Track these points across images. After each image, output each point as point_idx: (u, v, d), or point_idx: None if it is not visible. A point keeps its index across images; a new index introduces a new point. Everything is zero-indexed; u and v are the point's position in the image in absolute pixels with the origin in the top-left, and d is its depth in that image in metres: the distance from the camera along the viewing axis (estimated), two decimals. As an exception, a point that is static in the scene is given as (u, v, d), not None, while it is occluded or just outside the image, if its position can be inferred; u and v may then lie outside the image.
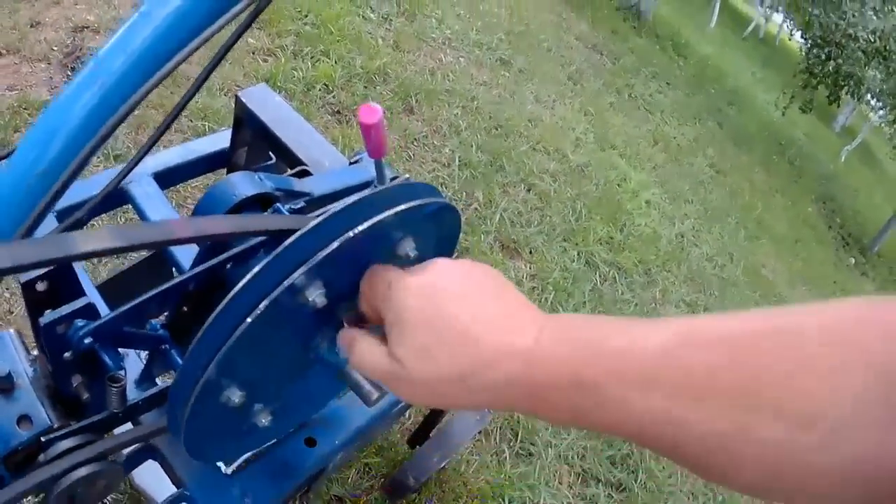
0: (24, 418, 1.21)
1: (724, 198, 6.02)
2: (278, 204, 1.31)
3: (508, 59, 5.73)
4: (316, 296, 0.89)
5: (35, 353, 1.31)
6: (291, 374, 1.14)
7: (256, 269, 0.85)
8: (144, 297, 1.12)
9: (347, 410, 1.65)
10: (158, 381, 1.41)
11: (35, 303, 1.15)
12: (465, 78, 5.33)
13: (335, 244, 0.88)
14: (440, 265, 0.87)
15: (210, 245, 1.15)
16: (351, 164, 1.79)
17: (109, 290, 1.65)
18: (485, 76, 5.46)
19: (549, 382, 0.71)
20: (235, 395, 0.96)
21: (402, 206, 0.94)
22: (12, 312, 2.86)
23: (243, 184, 1.29)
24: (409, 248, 0.96)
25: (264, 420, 1.10)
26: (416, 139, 4.55)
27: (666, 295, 4.33)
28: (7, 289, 2.90)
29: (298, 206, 1.34)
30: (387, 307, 0.86)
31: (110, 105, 1.02)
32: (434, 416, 2.56)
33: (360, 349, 0.88)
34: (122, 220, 3.28)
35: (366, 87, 4.71)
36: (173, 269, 2.06)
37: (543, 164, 4.80)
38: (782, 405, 0.56)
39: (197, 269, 1.12)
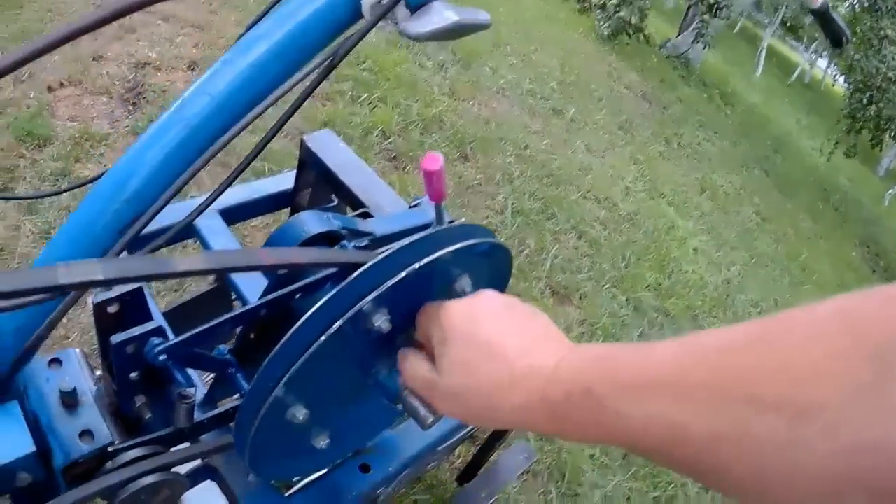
0: (86, 433, 1.25)
1: (770, 244, 5.99)
2: (345, 241, 1.38)
3: (560, 108, 5.75)
4: (381, 321, 0.96)
5: (99, 373, 1.36)
6: (351, 398, 1.20)
7: (331, 293, 0.93)
8: (219, 319, 1.18)
9: (401, 440, 1.69)
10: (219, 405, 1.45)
11: (105, 324, 1.21)
12: (519, 126, 5.37)
13: (402, 273, 0.95)
14: (487, 293, 0.97)
15: (279, 277, 1.21)
16: (410, 207, 1.84)
17: (173, 318, 1.70)
18: (538, 125, 5.51)
19: (564, 399, 0.76)
20: (300, 413, 1.02)
21: (460, 244, 1.02)
22: (68, 338, 2.92)
23: (313, 221, 1.37)
24: (465, 284, 1.04)
25: (322, 443, 1.15)
26: (470, 186, 4.61)
27: (711, 341, 4.28)
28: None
29: (363, 243, 1.42)
30: (435, 328, 0.94)
31: (193, 143, 1.10)
32: (482, 455, 2.58)
33: (410, 362, 0.98)
34: (180, 252, 3.33)
35: (422, 133, 4.76)
36: (234, 301, 2.13)
37: (594, 212, 4.83)
38: (782, 399, 0.56)
39: (269, 297, 1.18)
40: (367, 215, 1.72)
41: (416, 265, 0.96)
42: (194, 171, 1.09)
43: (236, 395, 1.39)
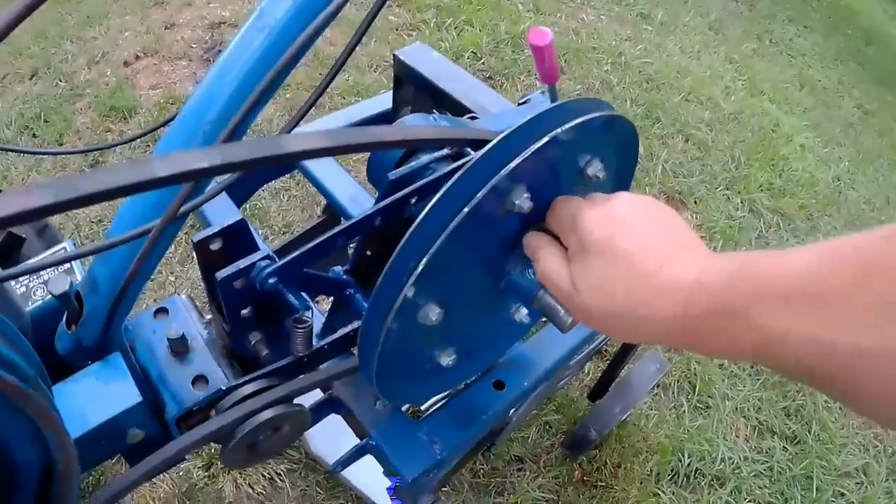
0: (199, 379, 1.22)
1: (875, 138, 5.83)
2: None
3: (648, 13, 5.66)
4: (521, 199, 0.91)
5: (209, 316, 1.32)
6: (482, 307, 1.14)
7: (466, 167, 0.86)
8: (330, 233, 1.10)
9: (533, 353, 1.63)
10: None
11: (209, 263, 1.15)
12: (609, 35, 5.29)
13: (545, 139, 0.89)
14: (623, 198, 0.91)
15: (391, 184, 1.12)
16: (519, 105, 1.76)
17: (285, 254, 1.66)
18: (628, 31, 5.42)
19: (708, 312, 0.72)
20: (434, 313, 0.95)
21: (597, 114, 0.96)
22: (178, 294, 2.88)
23: (418, 125, 1.28)
24: (596, 169, 0.98)
25: (449, 359, 1.11)
26: (571, 98, 4.41)
27: (829, 240, 4.20)
28: (171, 273, 2.99)
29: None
30: (571, 236, 0.91)
31: (278, 50, 1.03)
32: (613, 369, 2.55)
33: (546, 258, 0.94)
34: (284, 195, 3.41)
35: (513, 51, 4.72)
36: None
37: (698, 114, 4.75)
38: None
39: (383, 204, 1.10)
40: (473, 118, 1.64)
41: (560, 130, 0.91)
42: (284, 63, 1.02)
43: (356, 322, 1.33)
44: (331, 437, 1.92)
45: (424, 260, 0.88)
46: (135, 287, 1.16)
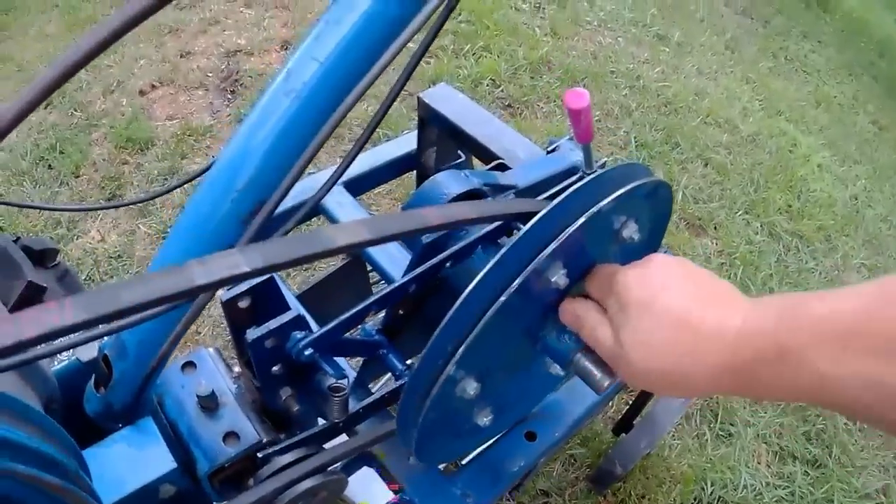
0: (230, 435, 1.21)
1: (890, 154, 5.79)
2: (488, 199, 1.29)
3: (665, 34, 5.65)
4: (558, 276, 0.90)
5: (237, 369, 1.30)
6: (516, 367, 1.12)
7: (504, 248, 0.85)
8: (366, 303, 1.10)
9: (565, 401, 1.62)
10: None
11: (238, 321, 1.14)
12: (627, 57, 5.27)
13: (588, 214, 0.89)
14: (658, 259, 0.92)
15: (425, 247, 1.11)
16: (548, 153, 1.74)
17: (309, 300, 1.65)
18: (645, 54, 5.41)
19: (757, 357, 0.72)
20: (471, 387, 0.95)
21: (639, 182, 0.95)
22: (199, 333, 2.91)
23: (451, 182, 1.29)
24: (632, 231, 0.98)
25: (486, 419, 1.09)
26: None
27: (846, 260, 4.19)
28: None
29: (508, 198, 1.32)
30: (610, 299, 0.91)
31: (307, 115, 1.02)
32: (638, 403, 2.54)
33: (592, 324, 0.93)
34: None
35: (532, 77, 4.70)
36: (370, 272, 2.07)
37: (716, 137, 4.72)
38: None
39: (419, 270, 1.10)
40: (502, 167, 1.63)
41: (597, 208, 0.91)
42: (319, 143, 1.00)
43: (387, 376, 1.32)
44: (359, 477, 1.91)
45: (469, 340, 0.87)
46: (166, 359, 1.16)
